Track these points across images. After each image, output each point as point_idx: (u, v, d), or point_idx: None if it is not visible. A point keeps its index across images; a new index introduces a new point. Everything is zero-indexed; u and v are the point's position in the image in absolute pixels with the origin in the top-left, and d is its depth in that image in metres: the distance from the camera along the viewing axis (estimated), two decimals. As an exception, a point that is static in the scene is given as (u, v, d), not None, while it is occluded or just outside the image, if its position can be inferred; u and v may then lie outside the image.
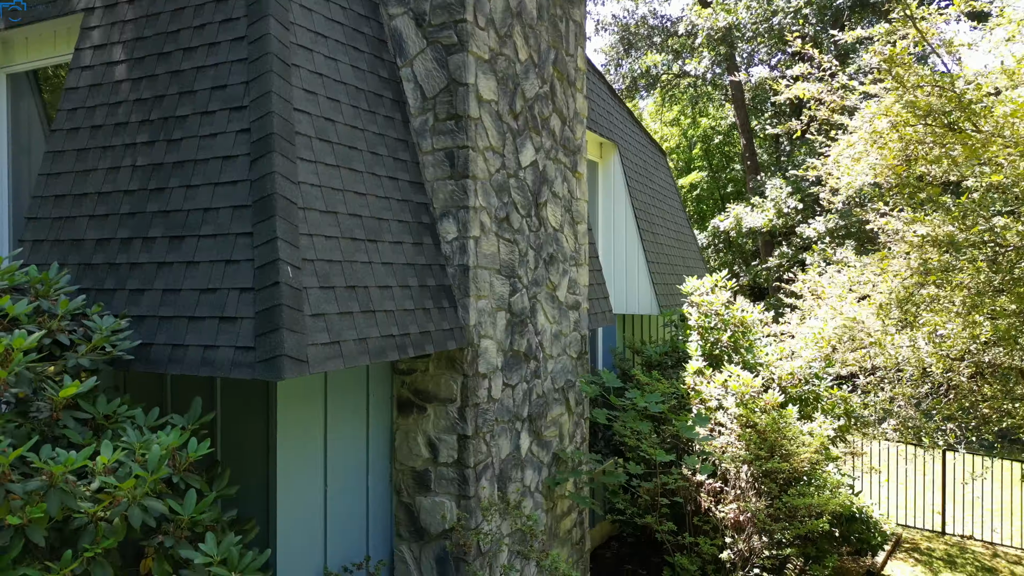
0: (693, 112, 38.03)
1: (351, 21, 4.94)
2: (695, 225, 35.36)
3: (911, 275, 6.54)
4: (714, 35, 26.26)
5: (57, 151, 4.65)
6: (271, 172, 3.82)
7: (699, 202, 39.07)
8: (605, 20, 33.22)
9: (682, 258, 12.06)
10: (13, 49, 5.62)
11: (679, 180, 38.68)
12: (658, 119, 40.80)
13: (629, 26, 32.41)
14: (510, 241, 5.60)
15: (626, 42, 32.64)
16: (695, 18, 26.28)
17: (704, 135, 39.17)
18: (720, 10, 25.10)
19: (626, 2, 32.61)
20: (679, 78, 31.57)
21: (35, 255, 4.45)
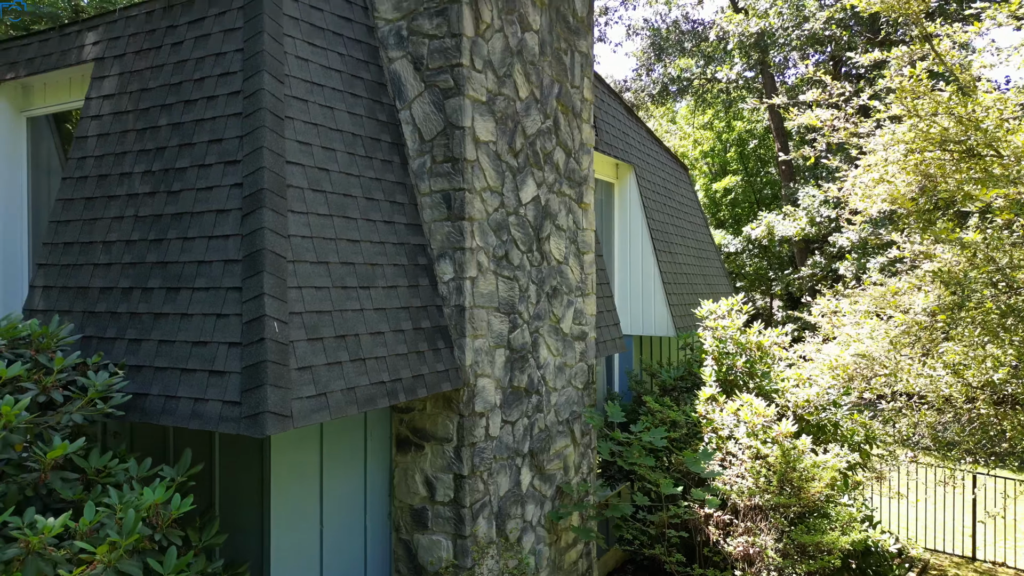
0: (727, 116, 37.62)
1: (349, 67, 5.04)
2: (730, 230, 34.93)
3: (922, 311, 6.40)
4: (746, 41, 25.94)
5: (67, 199, 4.83)
6: (260, 228, 3.92)
7: (734, 206, 38.61)
8: (636, 25, 33.04)
9: (703, 276, 11.95)
10: (32, 94, 5.85)
11: (713, 184, 38.27)
12: (692, 122, 40.44)
13: (660, 30, 32.21)
14: (509, 278, 5.63)
15: (657, 47, 32.44)
16: (726, 24, 25.98)
17: (739, 138, 38.70)
18: (752, 15, 24.79)
19: (659, 6, 32.44)
20: (711, 82, 31.23)
21: (45, 300, 4.64)
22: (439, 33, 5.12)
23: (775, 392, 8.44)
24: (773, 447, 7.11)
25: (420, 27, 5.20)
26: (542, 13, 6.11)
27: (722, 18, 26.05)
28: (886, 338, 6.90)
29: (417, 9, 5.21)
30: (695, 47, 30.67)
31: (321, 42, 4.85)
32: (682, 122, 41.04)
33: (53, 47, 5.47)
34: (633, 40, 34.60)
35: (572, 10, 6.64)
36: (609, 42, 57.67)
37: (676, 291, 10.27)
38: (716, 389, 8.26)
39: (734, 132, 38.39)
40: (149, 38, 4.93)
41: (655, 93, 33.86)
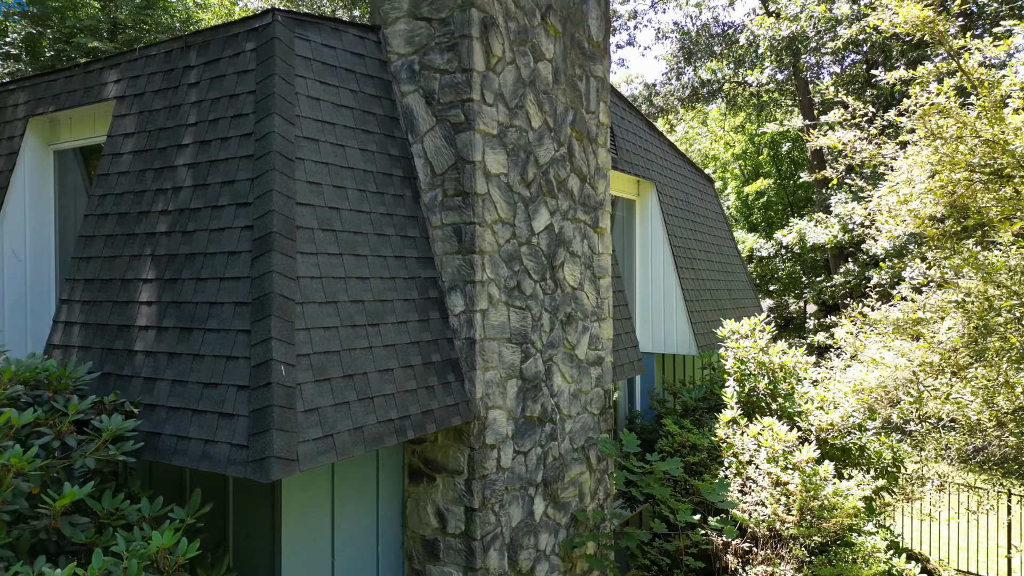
0: (758, 119, 37.17)
1: (362, 103, 5.10)
2: (762, 234, 34.46)
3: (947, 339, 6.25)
4: (777, 45, 25.57)
5: (88, 236, 4.97)
6: (269, 271, 4.00)
7: (767, 209, 38.09)
8: (665, 28, 32.79)
9: (728, 290, 11.81)
10: (59, 128, 6.03)
11: (745, 187, 37.79)
12: (723, 125, 39.98)
13: (690, 33, 31.96)
14: (522, 308, 5.64)
15: (687, 51, 32.18)
16: (756, 28, 25.67)
17: (772, 140, 38.16)
18: (783, 19, 24.43)
19: (689, 8, 32.20)
20: (741, 86, 30.87)
21: (67, 335, 4.78)
22: (450, 68, 5.15)
23: (798, 415, 8.32)
24: (794, 474, 7.01)
25: (431, 62, 5.24)
26: (556, 41, 6.12)
27: (752, 22, 25.74)
28: (909, 367, 6.76)
29: (428, 44, 5.25)
30: (725, 51, 30.35)
31: (333, 80, 4.92)
32: (713, 124, 40.61)
33: (78, 84, 5.63)
34: (663, 43, 34.37)
35: (587, 36, 6.63)
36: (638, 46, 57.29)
37: (699, 308, 10.17)
38: (737, 411, 8.17)
39: (767, 135, 37.90)
40: (167, 78, 5.05)
41: (685, 97, 33.58)
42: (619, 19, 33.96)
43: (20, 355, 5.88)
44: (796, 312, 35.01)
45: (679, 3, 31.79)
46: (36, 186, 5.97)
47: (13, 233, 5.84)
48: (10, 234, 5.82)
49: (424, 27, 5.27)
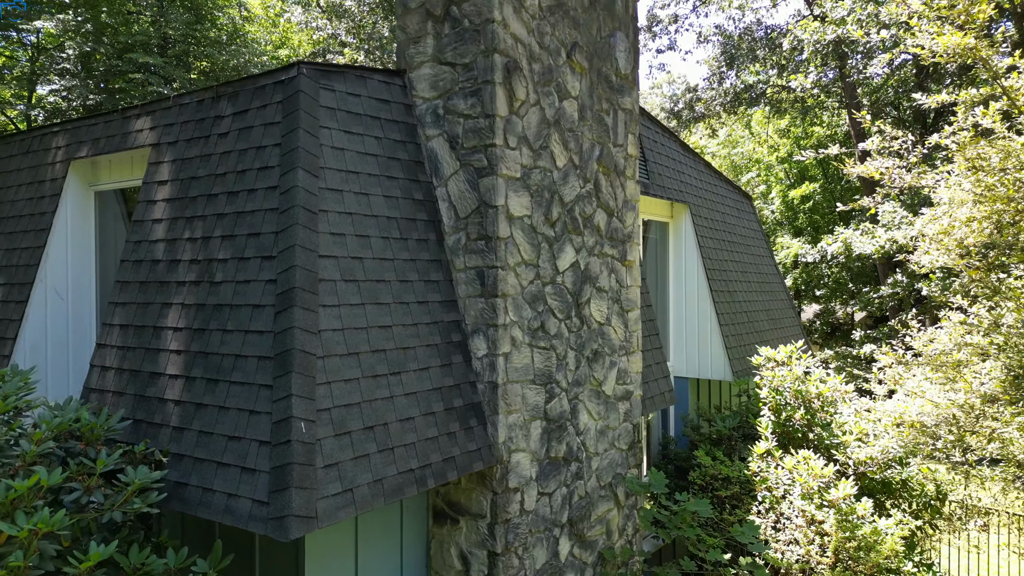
0: (803, 123, 36.37)
1: (386, 150, 5.16)
2: (807, 239, 33.74)
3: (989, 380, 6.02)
4: (821, 50, 25.00)
5: (124, 281, 5.14)
6: (291, 327, 4.07)
7: (812, 212, 37.28)
8: (707, 32, 32.40)
9: (766, 311, 11.59)
10: (99, 170, 6.24)
11: (791, 192, 37.05)
12: (767, 128, 39.25)
13: (732, 36, 31.49)
14: (546, 348, 5.63)
15: (729, 56, 31.74)
16: (800, 32, 25.14)
17: (819, 143, 37.34)
18: (829, 23, 23.88)
19: (731, 10, 31.74)
20: (784, 90, 30.26)
21: (103, 380, 4.94)
22: (473, 113, 5.18)
23: (836, 447, 8.11)
24: (829, 512, 6.83)
25: (455, 106, 5.28)
26: (581, 78, 6.09)
27: (796, 26, 25.23)
28: (951, 406, 6.53)
29: (452, 89, 5.28)
30: (768, 54, 29.81)
31: (358, 128, 4.99)
32: (757, 127, 39.89)
33: (116, 129, 5.82)
34: (704, 47, 33.91)
35: (615, 69, 6.58)
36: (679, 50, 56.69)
37: (734, 332, 10.00)
38: (772, 443, 8.00)
39: (813, 137, 37.11)
40: (199, 127, 5.18)
41: (727, 102, 33.11)
42: (660, 24, 33.64)
43: (61, 389, 6.11)
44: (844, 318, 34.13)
45: (721, 6, 31.37)
46: (78, 226, 6.19)
47: (56, 272, 6.07)
48: (53, 273, 6.04)
49: (448, 72, 5.30)
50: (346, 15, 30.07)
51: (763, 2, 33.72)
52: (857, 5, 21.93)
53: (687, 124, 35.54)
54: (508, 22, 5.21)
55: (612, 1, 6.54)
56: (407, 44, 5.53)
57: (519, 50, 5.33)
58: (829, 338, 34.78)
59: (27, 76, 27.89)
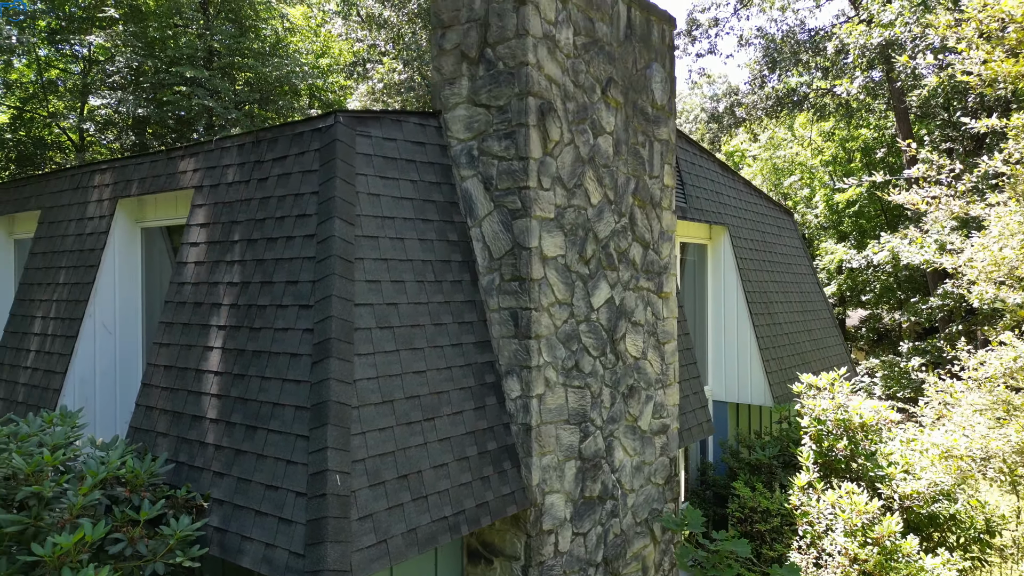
0: (849, 126, 35.56)
1: (421, 192, 5.20)
2: (854, 245, 32.98)
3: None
4: (867, 54, 24.41)
5: (168, 322, 5.28)
6: (327, 379, 4.13)
7: (858, 217, 36.43)
8: (748, 34, 31.92)
9: (807, 331, 11.35)
10: (146, 208, 6.43)
11: (835, 196, 36.27)
12: (811, 130, 38.46)
13: (775, 39, 30.98)
14: (580, 387, 5.61)
15: (771, 59, 31.23)
16: (845, 36, 24.59)
17: (865, 146, 36.45)
18: (875, 26, 23.30)
19: (773, 12, 31.22)
20: (827, 94, 29.64)
21: (147, 420, 5.08)
22: (507, 155, 5.19)
23: (880, 479, 7.90)
24: (873, 550, 6.67)
25: (489, 148, 5.30)
26: (617, 113, 6.06)
27: (841, 30, 24.69)
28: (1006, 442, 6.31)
29: (487, 131, 5.30)
30: (811, 58, 29.23)
31: (394, 173, 5.04)
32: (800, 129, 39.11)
33: (161, 169, 5.98)
34: (746, 50, 33.37)
35: (651, 100, 6.53)
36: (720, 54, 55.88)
37: (775, 356, 9.83)
38: (814, 474, 7.84)
39: (859, 140, 36.26)
40: (240, 171, 5.30)
41: (769, 106, 32.57)
42: (699, 28, 33.27)
43: (109, 419, 6.30)
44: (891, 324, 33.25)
45: (762, 7, 30.86)
46: (125, 262, 6.38)
47: (104, 307, 6.26)
48: (101, 308, 6.24)
49: (483, 113, 5.33)
50: (385, 25, 30.44)
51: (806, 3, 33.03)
52: (905, 10, 21.36)
53: (728, 129, 35.09)
54: (542, 64, 5.21)
55: (648, 33, 6.49)
56: (442, 85, 5.58)
57: (553, 91, 5.32)
58: (875, 345, 33.90)
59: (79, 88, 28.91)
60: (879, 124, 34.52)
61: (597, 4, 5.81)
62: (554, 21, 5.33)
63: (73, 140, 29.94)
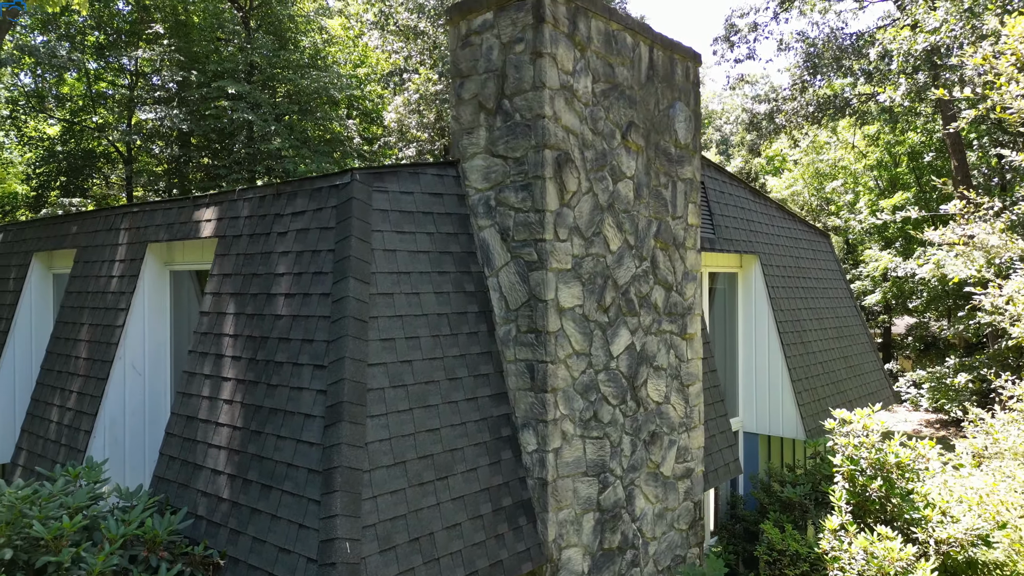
0: (894, 132, 34.65)
1: (438, 244, 5.21)
2: (899, 252, 32.10)
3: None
4: (912, 60, 23.75)
5: (191, 372, 5.38)
6: (338, 443, 4.16)
7: (904, 222, 35.44)
8: (788, 39, 31.35)
9: (844, 358, 11.05)
10: (174, 252, 6.57)
11: (881, 202, 35.36)
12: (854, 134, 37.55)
13: (816, 43, 30.39)
14: (599, 438, 5.55)
15: (811, 65, 30.63)
16: (889, 41, 23.97)
17: (912, 151, 35.47)
18: (920, 31, 22.66)
19: (814, 15, 30.62)
20: (870, 100, 28.92)
21: (170, 470, 5.18)
22: (523, 207, 5.16)
23: (915, 522, 7.65)
24: (906, 601, 6.45)
25: (506, 199, 5.28)
26: (638, 156, 5.98)
27: (885, 34, 24.07)
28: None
29: (504, 182, 5.29)
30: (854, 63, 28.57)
31: (410, 226, 5.06)
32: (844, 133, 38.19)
33: (187, 216, 6.11)
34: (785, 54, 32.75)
35: (674, 140, 6.43)
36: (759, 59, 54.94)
37: (808, 386, 9.59)
38: (846, 516, 7.63)
39: (905, 144, 35.30)
40: (261, 223, 5.38)
41: (811, 112, 31.94)
42: (738, 33, 32.81)
43: (138, 456, 6.44)
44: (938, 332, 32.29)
45: (803, 9, 30.27)
46: (154, 304, 6.53)
47: (133, 348, 6.41)
48: (131, 350, 6.39)
49: (500, 164, 5.31)
50: (421, 36, 30.70)
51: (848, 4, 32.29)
52: (951, 16, 20.70)
53: (767, 136, 34.51)
54: (559, 115, 5.17)
55: (671, 73, 6.39)
56: (461, 134, 5.58)
57: (571, 141, 5.28)
58: (923, 355, 32.93)
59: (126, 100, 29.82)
60: (927, 128, 33.55)
61: (617, 49, 5.75)
62: (572, 71, 5.29)
63: (121, 152, 30.90)
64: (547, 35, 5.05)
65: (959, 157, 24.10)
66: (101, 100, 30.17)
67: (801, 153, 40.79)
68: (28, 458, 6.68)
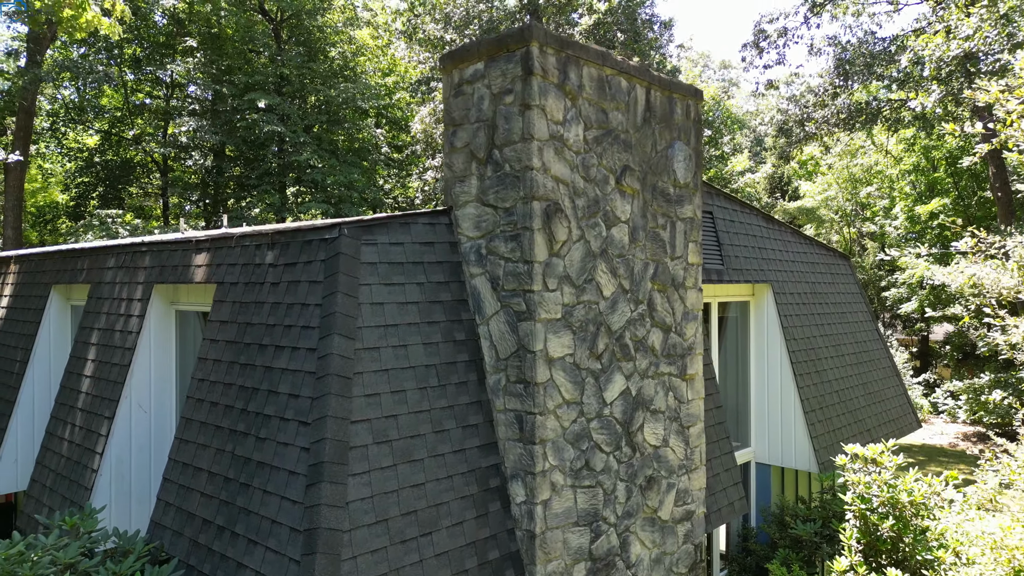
0: (929, 137, 33.87)
1: (428, 294, 5.23)
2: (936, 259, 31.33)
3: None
4: (945, 66, 23.20)
5: (188, 418, 5.49)
6: (318, 504, 4.20)
7: (942, 229, 34.61)
8: (819, 43, 30.85)
9: (863, 385, 10.82)
10: (179, 293, 6.70)
11: (917, 207, 34.58)
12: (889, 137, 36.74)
13: (847, 47, 29.89)
14: (591, 487, 5.52)
15: (843, 70, 30.13)
16: (920, 48, 23.45)
17: (950, 155, 34.61)
18: (953, 38, 22.12)
19: (847, 18, 30.09)
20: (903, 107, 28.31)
21: (166, 515, 5.29)
22: (513, 257, 5.16)
23: (928, 564, 7.45)
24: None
25: (496, 248, 5.28)
26: (633, 200, 5.94)
27: (917, 40, 23.54)
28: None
29: (494, 231, 5.29)
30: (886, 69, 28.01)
31: (400, 278, 5.09)
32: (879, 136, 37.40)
33: (190, 260, 6.23)
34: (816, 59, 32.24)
35: (673, 180, 6.38)
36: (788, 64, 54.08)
37: (822, 417, 9.42)
38: (856, 556, 7.47)
39: (943, 149, 34.48)
40: (256, 272, 5.46)
41: (843, 118, 31.40)
42: (767, 39, 32.40)
43: (144, 490, 6.59)
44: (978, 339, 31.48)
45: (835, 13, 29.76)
46: (160, 343, 6.67)
47: (139, 386, 6.56)
48: (137, 388, 6.54)
49: (491, 213, 5.32)
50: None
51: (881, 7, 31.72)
52: (985, 23, 20.15)
53: (797, 143, 33.99)
54: (549, 166, 5.16)
55: (669, 113, 6.34)
56: (453, 182, 5.60)
57: (560, 190, 5.27)
58: (961, 364, 32.06)
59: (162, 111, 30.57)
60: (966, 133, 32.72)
61: (612, 94, 5.72)
62: (562, 120, 5.28)
63: (157, 161, 31.64)
64: (535, 87, 5.05)
65: (996, 163, 23.44)
66: (138, 111, 30.99)
67: (835, 157, 40.05)
68: (40, 491, 6.88)
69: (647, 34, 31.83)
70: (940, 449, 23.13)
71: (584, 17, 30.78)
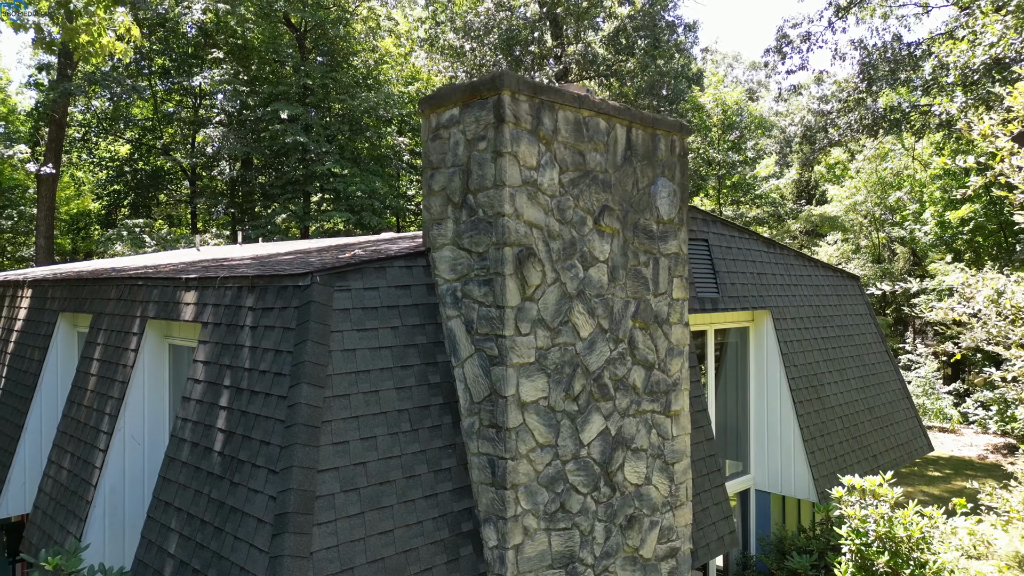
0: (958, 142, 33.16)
1: (403, 338, 5.29)
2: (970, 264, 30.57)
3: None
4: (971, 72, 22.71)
5: (172, 458, 5.61)
6: (282, 555, 4.28)
7: (974, 234, 33.86)
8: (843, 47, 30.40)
9: (868, 409, 10.64)
10: (172, 328, 6.85)
11: (946, 213, 33.86)
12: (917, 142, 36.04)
13: (872, 51, 29.42)
14: (567, 529, 5.53)
15: (868, 76, 29.66)
16: (945, 54, 23.00)
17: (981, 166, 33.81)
18: (978, 44, 21.66)
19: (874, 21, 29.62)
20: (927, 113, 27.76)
21: (149, 554, 5.42)
22: (486, 302, 5.20)
23: (924, 602, 7.32)
24: None
25: (471, 292, 5.32)
26: (613, 239, 5.94)
27: (941, 48, 23.10)
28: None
29: (469, 275, 5.33)
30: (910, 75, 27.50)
31: (373, 323, 5.16)
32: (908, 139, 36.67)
33: (179, 297, 6.36)
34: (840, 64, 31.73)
35: (656, 217, 6.35)
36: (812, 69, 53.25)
37: (822, 445, 9.29)
38: (850, 591, 7.37)
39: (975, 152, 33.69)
40: (236, 314, 5.57)
41: (867, 124, 30.92)
42: (790, 44, 32.01)
43: (137, 519, 6.74)
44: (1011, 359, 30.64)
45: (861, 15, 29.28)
46: (153, 376, 6.82)
47: (133, 419, 6.72)
48: (131, 421, 6.70)
49: (466, 257, 5.36)
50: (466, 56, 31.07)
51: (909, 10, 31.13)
52: (1011, 30, 19.68)
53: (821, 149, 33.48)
54: (521, 212, 5.18)
55: (652, 149, 6.32)
56: (431, 224, 5.65)
57: (534, 235, 5.29)
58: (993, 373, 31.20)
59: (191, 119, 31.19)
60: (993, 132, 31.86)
61: (589, 135, 5.72)
62: (536, 166, 5.30)
63: (185, 170, 32.26)
64: (507, 134, 5.08)
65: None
66: (167, 121, 31.67)
67: (864, 161, 39.37)
68: (41, 517, 7.08)
69: (670, 38, 31.62)
70: (968, 462, 22.60)
71: (606, 22, 30.72)
